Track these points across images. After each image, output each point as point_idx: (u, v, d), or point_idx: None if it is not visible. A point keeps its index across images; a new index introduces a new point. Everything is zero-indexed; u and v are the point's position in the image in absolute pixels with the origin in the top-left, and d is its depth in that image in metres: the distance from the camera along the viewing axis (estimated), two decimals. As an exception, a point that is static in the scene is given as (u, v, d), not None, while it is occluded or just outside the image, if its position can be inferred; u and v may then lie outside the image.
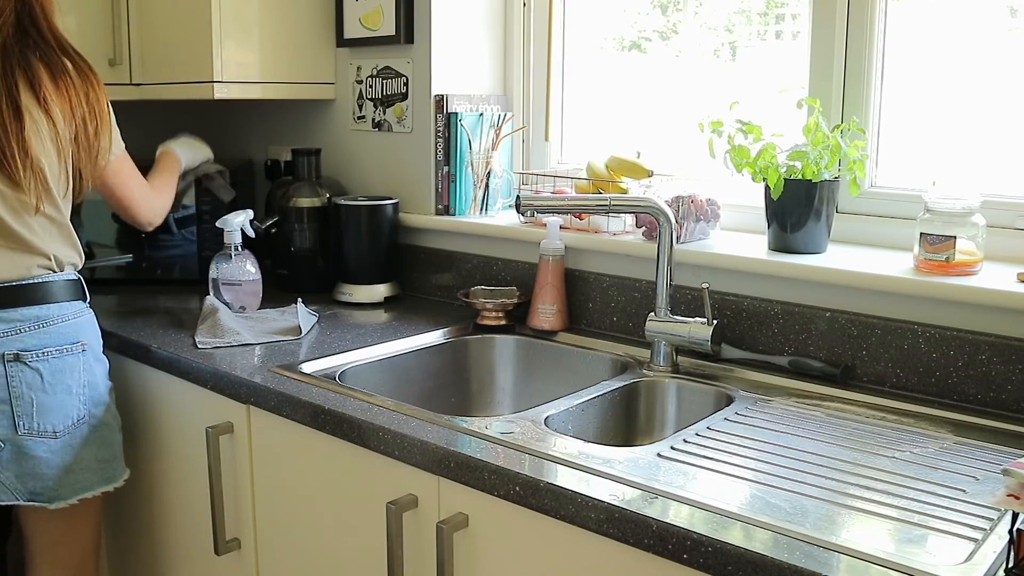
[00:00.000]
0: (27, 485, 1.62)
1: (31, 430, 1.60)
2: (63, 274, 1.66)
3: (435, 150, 2.13)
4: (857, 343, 1.55)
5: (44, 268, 1.63)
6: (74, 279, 1.69)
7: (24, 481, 1.62)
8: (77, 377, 1.65)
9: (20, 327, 1.59)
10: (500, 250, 2.05)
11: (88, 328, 1.70)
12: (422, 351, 1.82)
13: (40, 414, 1.61)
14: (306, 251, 2.21)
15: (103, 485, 1.71)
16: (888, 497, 1.13)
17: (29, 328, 1.60)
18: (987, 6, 1.66)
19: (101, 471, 1.70)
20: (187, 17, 2.12)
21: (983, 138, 1.66)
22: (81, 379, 1.66)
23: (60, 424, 1.63)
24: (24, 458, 1.61)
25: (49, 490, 1.64)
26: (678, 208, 1.73)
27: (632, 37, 2.16)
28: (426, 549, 1.31)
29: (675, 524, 1.04)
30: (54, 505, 1.64)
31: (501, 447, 1.27)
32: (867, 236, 1.72)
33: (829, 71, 1.73)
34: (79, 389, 1.66)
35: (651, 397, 1.63)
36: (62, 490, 1.65)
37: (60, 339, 1.63)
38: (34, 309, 1.60)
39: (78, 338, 1.66)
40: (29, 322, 1.60)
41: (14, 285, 1.59)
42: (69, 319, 1.65)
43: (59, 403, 1.63)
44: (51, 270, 1.64)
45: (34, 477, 1.62)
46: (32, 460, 1.61)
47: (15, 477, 1.61)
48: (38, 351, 1.60)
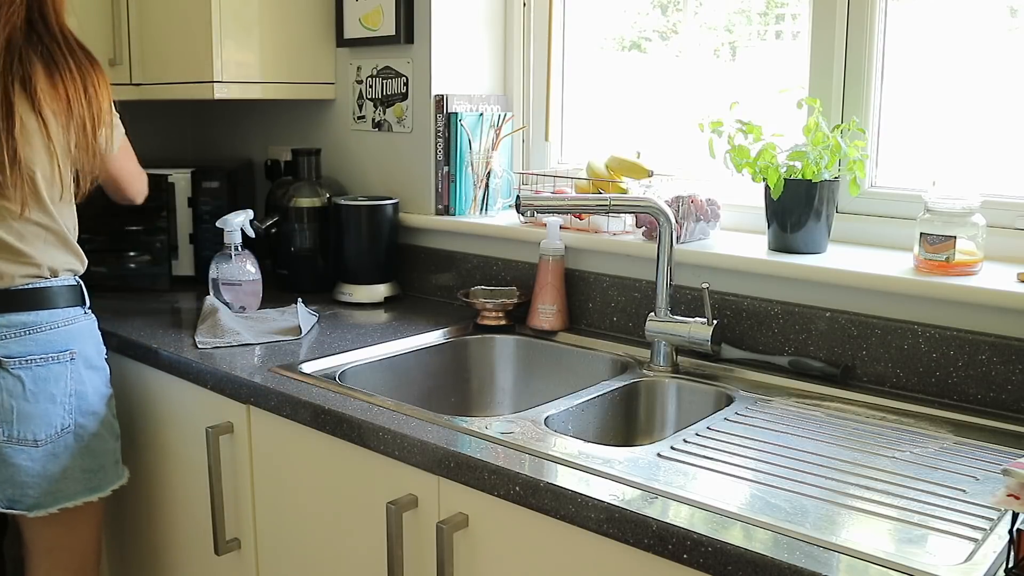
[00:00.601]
0: (5, 492, 1.60)
1: (11, 438, 1.58)
2: (58, 280, 1.64)
3: (435, 150, 2.13)
4: (857, 343, 1.55)
5: (33, 276, 1.60)
6: (72, 285, 1.67)
7: (3, 488, 1.60)
8: (63, 386, 1.62)
9: (4, 333, 1.57)
10: (500, 250, 2.05)
11: (81, 336, 1.66)
12: (422, 351, 1.82)
13: (20, 422, 1.58)
14: (306, 251, 2.21)
15: (87, 495, 1.68)
16: (888, 497, 1.13)
17: (14, 335, 1.57)
18: (987, 6, 1.66)
19: (86, 481, 1.67)
20: (187, 17, 2.12)
21: (983, 138, 1.66)
22: (67, 388, 1.63)
23: (42, 433, 1.60)
24: (4, 466, 1.59)
25: (28, 498, 1.61)
26: (678, 208, 1.73)
27: (632, 37, 2.16)
28: (426, 549, 1.31)
29: (675, 524, 1.04)
30: (33, 513, 1.62)
31: (501, 447, 1.27)
32: (867, 236, 1.72)
33: (829, 71, 1.73)
34: (64, 398, 1.63)
35: (651, 397, 1.63)
36: (42, 499, 1.62)
37: (46, 347, 1.60)
38: (20, 316, 1.58)
39: (67, 346, 1.63)
40: (15, 328, 1.58)
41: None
42: (59, 326, 1.62)
43: (41, 412, 1.60)
44: (41, 276, 1.61)
45: (13, 485, 1.60)
46: (11, 468, 1.59)
47: None
48: (21, 358, 1.58)
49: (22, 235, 1.58)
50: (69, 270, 1.67)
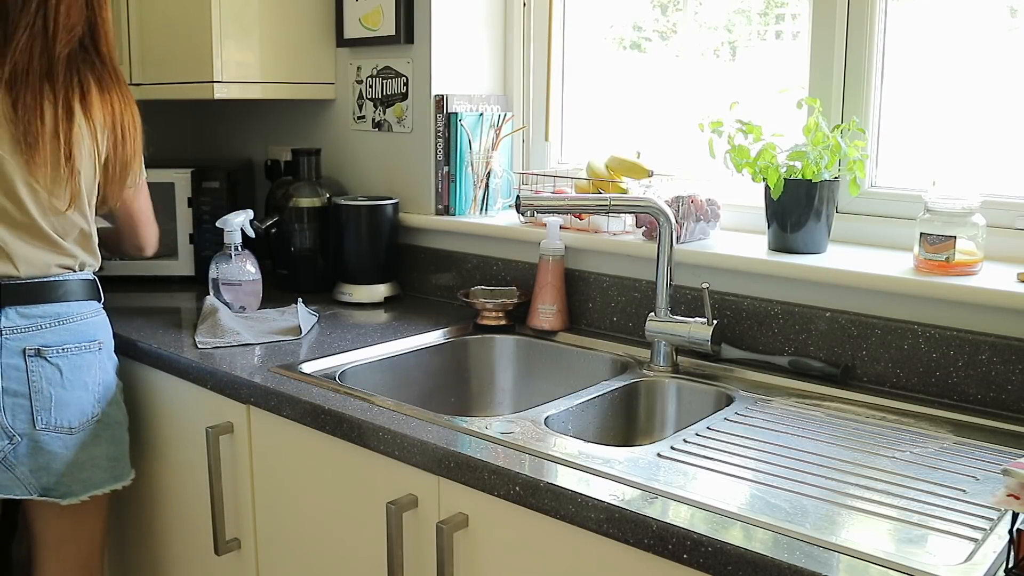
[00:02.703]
0: (40, 480, 1.64)
1: (49, 425, 1.62)
2: (80, 274, 1.70)
3: (435, 150, 2.13)
4: (857, 343, 1.55)
5: (65, 268, 1.67)
6: (90, 279, 1.72)
7: (38, 476, 1.64)
8: (94, 375, 1.68)
9: (41, 323, 1.62)
10: (500, 250, 2.05)
11: (103, 327, 1.73)
12: (422, 351, 1.82)
13: (58, 409, 1.63)
14: (306, 251, 2.21)
15: (113, 483, 1.73)
16: (888, 497, 1.13)
17: (49, 324, 1.63)
18: (987, 6, 1.66)
19: (111, 469, 1.72)
20: (187, 17, 2.12)
21: (983, 138, 1.66)
22: (97, 377, 1.69)
23: (76, 420, 1.65)
24: (40, 453, 1.63)
25: (62, 486, 1.66)
26: (678, 208, 1.73)
27: (632, 37, 2.16)
28: (426, 549, 1.31)
29: (675, 524, 1.04)
30: (66, 501, 1.66)
31: (501, 447, 1.27)
32: (867, 236, 1.72)
33: (829, 71, 1.73)
34: (95, 386, 1.69)
35: (651, 397, 1.63)
36: (74, 486, 1.67)
37: (79, 336, 1.66)
38: (55, 307, 1.64)
39: (95, 336, 1.69)
40: (50, 318, 1.63)
41: (37, 282, 1.63)
42: (87, 317, 1.68)
43: (76, 399, 1.65)
44: (71, 269, 1.67)
45: (48, 472, 1.64)
46: (47, 455, 1.63)
47: (30, 472, 1.63)
48: (58, 347, 1.63)
49: (63, 230, 1.65)
50: (89, 266, 1.73)
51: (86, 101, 1.64)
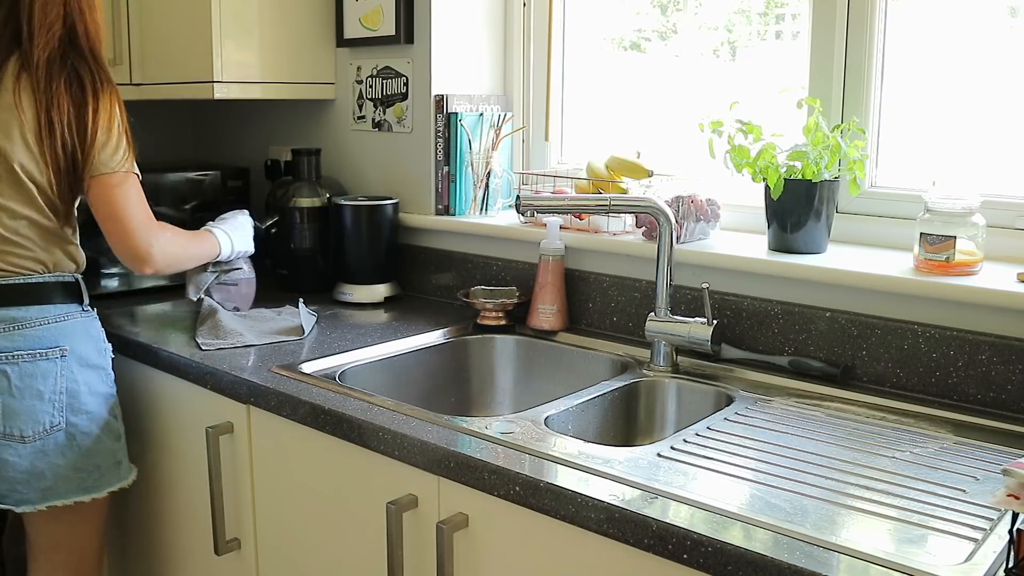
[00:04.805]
0: None
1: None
2: (53, 275, 1.63)
3: (435, 150, 2.13)
4: (857, 343, 1.55)
5: (26, 269, 1.61)
6: (68, 281, 1.66)
7: None
8: (52, 383, 1.61)
9: None
10: (500, 250, 2.05)
11: (75, 333, 1.65)
12: (422, 351, 1.82)
13: (7, 418, 1.58)
14: (306, 251, 2.21)
15: (79, 495, 1.66)
16: (888, 497, 1.13)
17: (2, 330, 1.58)
18: (987, 6, 1.66)
19: (79, 480, 1.66)
20: (187, 17, 2.12)
21: (983, 138, 1.66)
22: (57, 386, 1.62)
23: (29, 430, 1.60)
24: None
25: (16, 493, 1.62)
26: (678, 208, 1.73)
27: (632, 37, 2.16)
28: (426, 549, 1.31)
29: (675, 524, 1.04)
30: (20, 509, 1.63)
31: (501, 447, 1.27)
32: (867, 236, 1.72)
33: (829, 71, 1.73)
34: (53, 396, 1.61)
35: (651, 397, 1.63)
36: (30, 495, 1.62)
37: (34, 343, 1.59)
38: (10, 311, 1.58)
39: (57, 343, 1.62)
40: (2, 323, 1.58)
41: None
42: (50, 323, 1.61)
43: (28, 408, 1.59)
44: (33, 271, 1.61)
45: (1, 480, 1.60)
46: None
47: None
48: (8, 354, 1.58)
49: (17, 231, 1.59)
50: (66, 267, 1.66)
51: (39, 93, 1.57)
